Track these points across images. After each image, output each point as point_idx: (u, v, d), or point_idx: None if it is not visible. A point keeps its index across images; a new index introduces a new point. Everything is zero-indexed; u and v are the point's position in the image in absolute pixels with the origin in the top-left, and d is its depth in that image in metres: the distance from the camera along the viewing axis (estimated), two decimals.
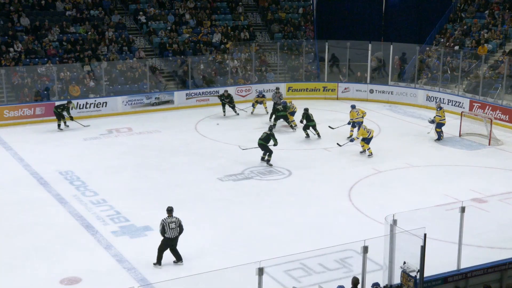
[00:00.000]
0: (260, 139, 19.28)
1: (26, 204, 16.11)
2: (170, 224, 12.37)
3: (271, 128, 19.73)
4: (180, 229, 12.50)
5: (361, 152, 20.22)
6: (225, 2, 33.51)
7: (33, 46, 27.10)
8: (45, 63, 26.35)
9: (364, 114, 22.19)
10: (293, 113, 23.84)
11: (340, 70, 31.03)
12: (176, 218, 12.47)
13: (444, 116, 21.98)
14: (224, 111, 25.74)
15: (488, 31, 28.90)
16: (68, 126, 23.56)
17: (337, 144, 20.65)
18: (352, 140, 20.85)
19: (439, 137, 21.92)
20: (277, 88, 26.45)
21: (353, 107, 22.31)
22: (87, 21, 29.18)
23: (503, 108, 24.42)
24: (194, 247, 13.65)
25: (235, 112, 25.86)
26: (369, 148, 20.10)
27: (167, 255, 12.75)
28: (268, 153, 19.29)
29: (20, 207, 15.90)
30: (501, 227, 14.69)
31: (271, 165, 19.04)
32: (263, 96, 26.55)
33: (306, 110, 22.38)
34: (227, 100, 25.63)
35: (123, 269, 12.68)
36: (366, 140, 20.04)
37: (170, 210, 12.59)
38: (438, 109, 22.07)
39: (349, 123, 22.12)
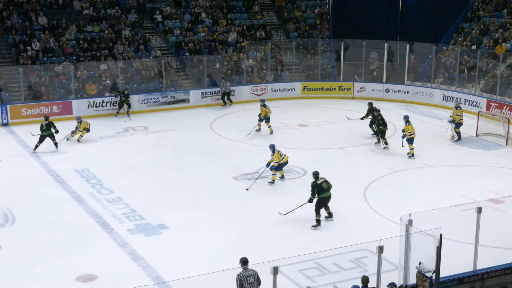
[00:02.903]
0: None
1: (43, 202, 16.24)
2: (248, 279, 10.10)
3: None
4: (259, 283, 10.24)
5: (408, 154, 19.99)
6: (241, 1, 33.53)
7: (51, 44, 27.32)
8: (62, 62, 26.56)
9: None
10: (267, 118, 22.74)
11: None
12: (253, 270, 10.18)
13: (462, 115, 21.83)
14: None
15: (506, 30, 28.62)
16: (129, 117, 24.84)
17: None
18: (403, 137, 20.17)
19: (459, 137, 21.72)
20: (224, 79, 27.26)
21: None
22: (103, 20, 29.36)
23: None
24: (208, 245, 13.68)
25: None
26: (412, 149, 19.92)
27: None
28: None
29: (37, 205, 16.04)
30: None
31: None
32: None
33: (378, 111, 21.47)
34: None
35: (138, 267, 12.74)
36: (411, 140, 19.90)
37: (245, 262, 10.24)
38: (458, 108, 21.88)
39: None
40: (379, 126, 20.99)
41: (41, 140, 20.35)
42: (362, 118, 22.49)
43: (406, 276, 10.33)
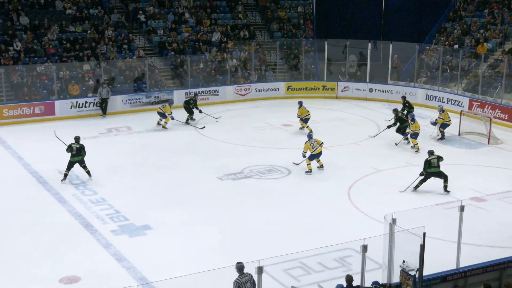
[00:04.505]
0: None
1: (26, 203, 16.11)
2: (245, 284, 9.78)
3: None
4: (254, 285, 9.82)
5: (412, 146, 20.73)
6: (224, 1, 33.50)
7: (33, 45, 27.09)
8: (45, 62, 26.35)
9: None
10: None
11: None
12: (250, 275, 9.81)
13: (449, 117, 21.98)
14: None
15: (487, 30, 28.90)
16: (194, 119, 24.38)
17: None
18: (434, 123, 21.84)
19: (443, 136, 21.95)
20: (104, 84, 25.37)
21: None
22: (86, 20, 29.18)
23: (503, 107, 24.42)
24: (193, 246, 13.65)
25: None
26: (417, 144, 20.47)
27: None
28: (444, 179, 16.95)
29: (20, 206, 15.90)
30: (501, 226, 14.69)
31: (448, 191, 16.85)
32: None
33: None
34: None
35: (122, 268, 12.68)
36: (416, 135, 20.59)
37: (241, 268, 9.85)
38: (441, 112, 22.01)
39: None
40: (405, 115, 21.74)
41: (70, 166, 17.58)
42: (389, 127, 22.14)
43: (390, 275, 10.38)
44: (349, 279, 10.08)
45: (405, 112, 22.82)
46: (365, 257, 9.80)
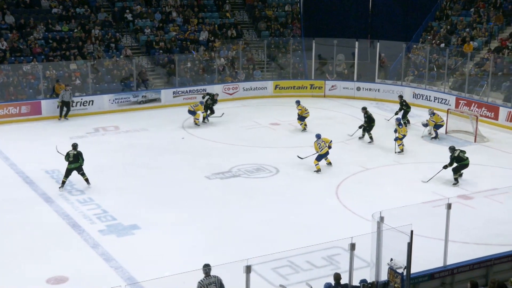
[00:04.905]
0: None
1: (12, 203, 15.98)
2: (208, 286, 9.62)
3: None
4: None
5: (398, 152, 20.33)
6: None
7: (18, 44, 26.89)
8: (31, 61, 26.16)
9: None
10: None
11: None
12: (216, 278, 9.66)
13: (441, 118, 22.00)
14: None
15: (473, 29, 29.08)
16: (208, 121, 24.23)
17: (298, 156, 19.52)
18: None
19: (436, 135, 22.04)
20: (67, 85, 24.94)
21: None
22: (73, 18, 29.00)
23: (489, 105, 24.59)
24: (181, 245, 13.62)
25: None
26: (401, 145, 20.35)
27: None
28: None
29: (6, 207, 15.77)
30: (487, 223, 14.79)
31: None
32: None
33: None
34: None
35: (110, 268, 12.63)
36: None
37: (207, 270, 9.74)
38: (432, 115, 22.07)
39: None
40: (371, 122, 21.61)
41: (68, 174, 16.86)
42: (396, 113, 23.55)
43: (378, 273, 10.40)
44: (337, 277, 10.12)
45: (401, 112, 23.05)
46: (353, 255, 9.82)
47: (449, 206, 10.97)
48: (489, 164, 19.32)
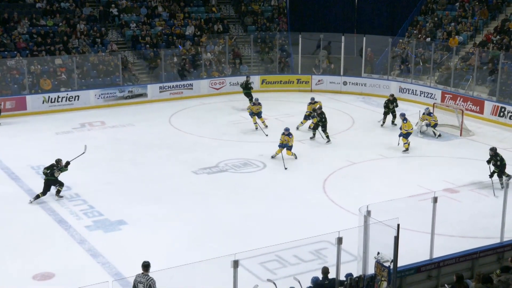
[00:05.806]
0: None
1: None
2: (138, 285, 9.54)
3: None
4: None
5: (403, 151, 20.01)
6: None
7: (2, 39, 26.62)
8: (15, 56, 25.91)
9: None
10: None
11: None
12: (149, 279, 9.50)
13: (436, 118, 21.87)
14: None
15: (459, 23, 29.23)
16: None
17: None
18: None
19: (439, 133, 21.77)
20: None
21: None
22: (57, 13, 28.75)
23: (474, 99, 24.75)
24: (168, 241, 13.60)
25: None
26: (406, 143, 19.91)
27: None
28: None
29: None
30: (472, 216, 14.91)
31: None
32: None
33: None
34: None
35: (97, 263, 12.58)
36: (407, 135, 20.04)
37: (146, 266, 9.70)
38: (430, 114, 21.85)
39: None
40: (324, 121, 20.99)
41: (47, 187, 15.78)
42: (385, 114, 22.99)
43: (365, 266, 10.46)
44: (325, 271, 10.15)
45: (391, 107, 22.92)
46: (340, 249, 9.85)
47: (435, 199, 11.04)
48: (474, 158, 19.43)
